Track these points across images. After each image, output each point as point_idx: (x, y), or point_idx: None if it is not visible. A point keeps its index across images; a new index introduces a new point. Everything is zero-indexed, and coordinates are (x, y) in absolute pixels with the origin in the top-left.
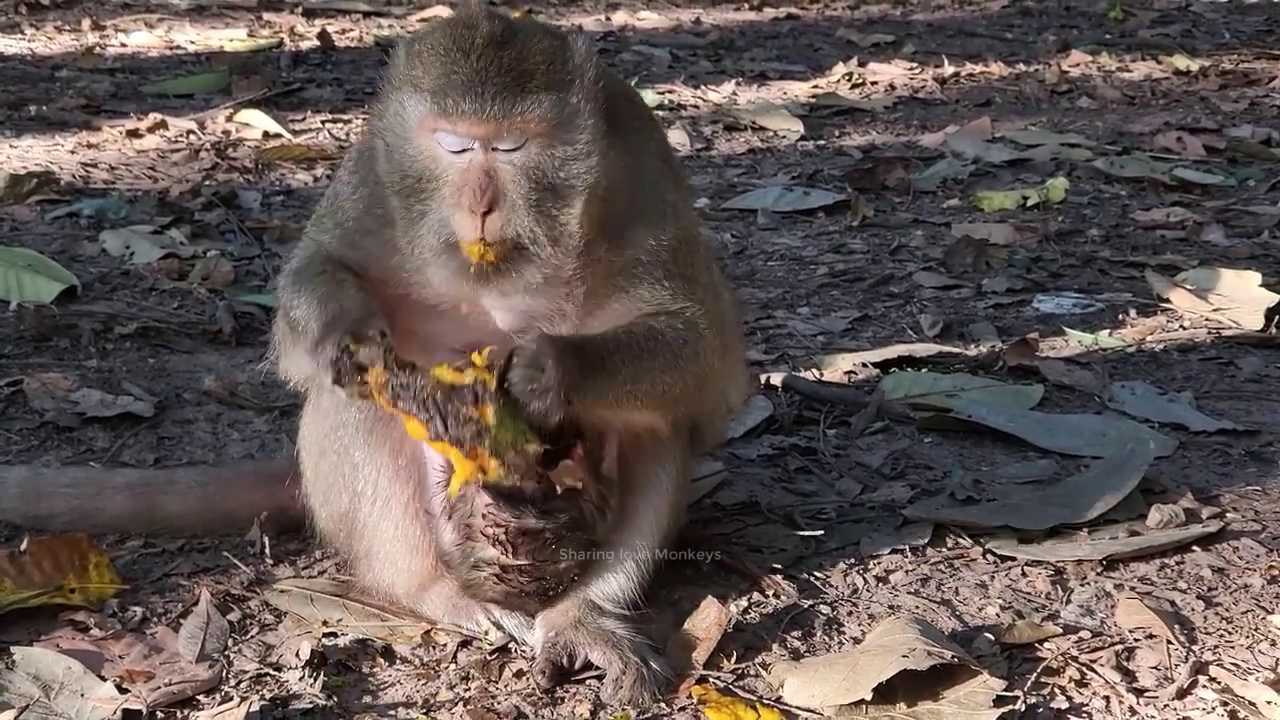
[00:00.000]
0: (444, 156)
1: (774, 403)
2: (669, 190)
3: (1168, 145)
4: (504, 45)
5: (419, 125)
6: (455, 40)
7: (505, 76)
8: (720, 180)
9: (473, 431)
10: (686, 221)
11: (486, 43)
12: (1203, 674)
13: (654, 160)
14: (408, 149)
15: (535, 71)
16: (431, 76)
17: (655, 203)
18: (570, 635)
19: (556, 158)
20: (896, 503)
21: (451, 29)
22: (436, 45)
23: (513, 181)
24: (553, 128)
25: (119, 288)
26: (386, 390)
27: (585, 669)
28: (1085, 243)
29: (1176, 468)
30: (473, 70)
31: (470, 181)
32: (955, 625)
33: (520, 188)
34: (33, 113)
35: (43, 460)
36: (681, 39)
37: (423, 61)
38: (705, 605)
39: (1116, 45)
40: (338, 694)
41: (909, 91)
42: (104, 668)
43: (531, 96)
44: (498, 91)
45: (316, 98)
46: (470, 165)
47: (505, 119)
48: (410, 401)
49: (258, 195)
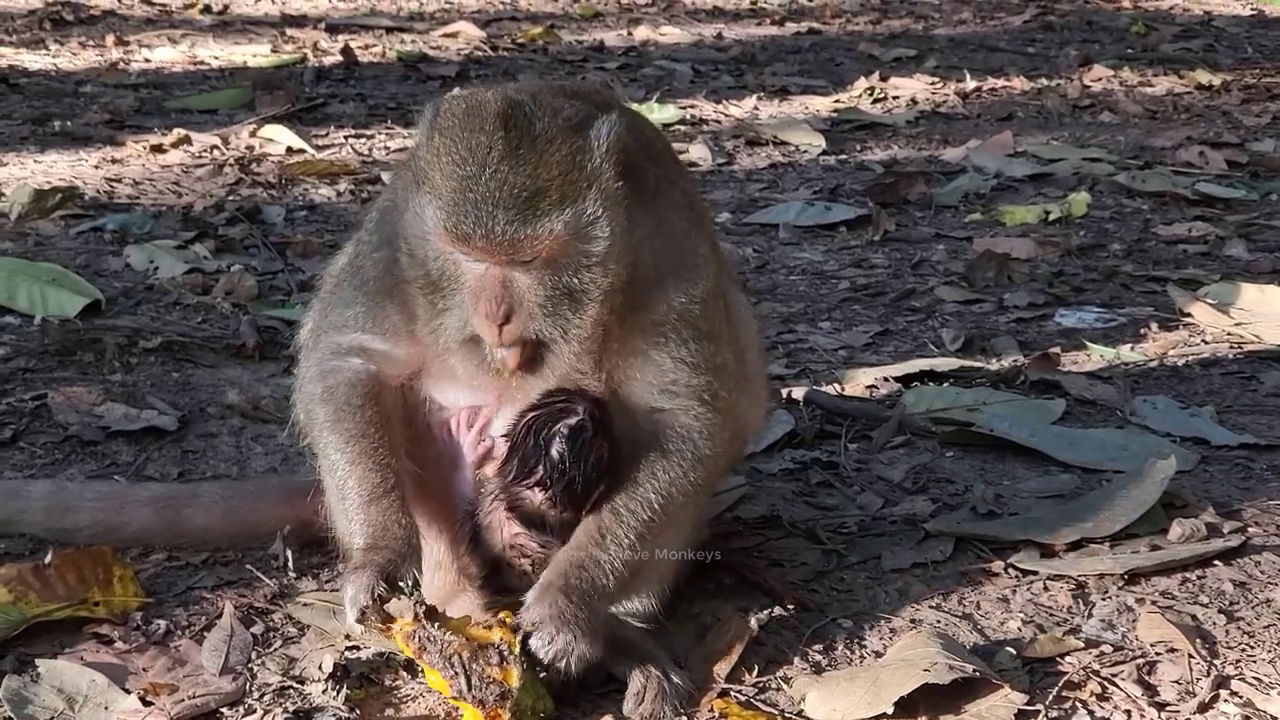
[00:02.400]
0: (461, 263)
1: (795, 417)
2: (699, 243)
3: (1190, 160)
4: (518, 161)
5: (436, 234)
6: (470, 149)
7: (518, 198)
8: (742, 195)
9: (495, 694)
10: (715, 270)
11: (500, 157)
12: (1224, 688)
13: (681, 215)
14: (428, 250)
15: (549, 188)
16: (448, 190)
17: (684, 257)
18: None
19: (571, 267)
20: (918, 517)
21: (467, 130)
22: (453, 150)
23: (529, 291)
24: (570, 240)
25: (143, 302)
26: (413, 641)
27: (606, 682)
28: (1107, 257)
29: (1198, 482)
30: (485, 192)
31: (486, 291)
32: (977, 639)
33: (536, 297)
34: (57, 128)
35: (67, 474)
36: (703, 54)
37: (440, 166)
38: (727, 619)
39: (1138, 60)
40: (360, 707)
41: (931, 106)
42: (128, 680)
43: (544, 218)
44: (509, 219)
45: (339, 113)
46: (486, 275)
47: (516, 245)
48: (436, 656)
49: (281, 210)
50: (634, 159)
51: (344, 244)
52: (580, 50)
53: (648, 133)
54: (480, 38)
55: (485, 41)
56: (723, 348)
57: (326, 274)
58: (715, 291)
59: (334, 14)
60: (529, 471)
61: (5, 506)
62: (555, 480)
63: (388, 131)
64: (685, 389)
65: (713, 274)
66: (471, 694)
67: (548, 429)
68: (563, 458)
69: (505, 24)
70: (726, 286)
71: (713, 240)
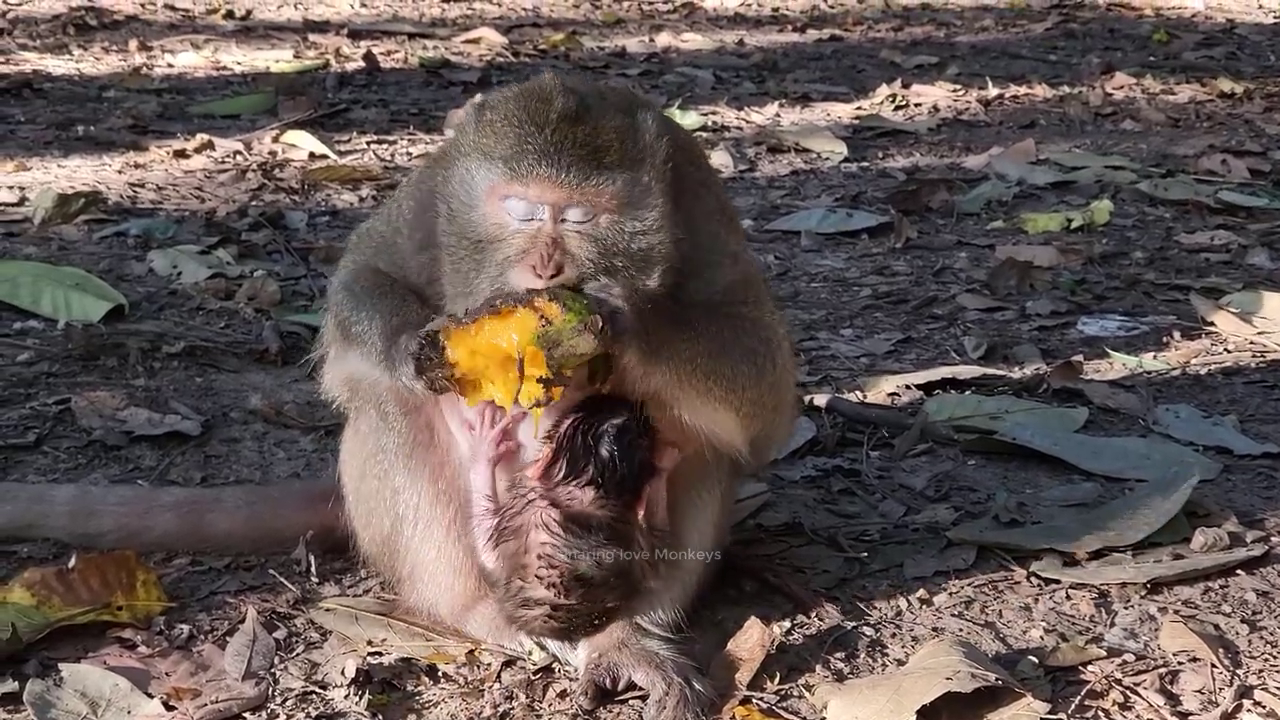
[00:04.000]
0: (510, 224)
1: (817, 424)
2: (730, 242)
3: (1212, 168)
4: (578, 121)
5: (488, 193)
6: (529, 113)
7: (580, 149)
8: (763, 202)
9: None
10: (747, 264)
11: (561, 117)
12: (1247, 698)
13: (715, 220)
14: (473, 215)
15: (609, 148)
16: (505, 145)
17: (717, 255)
18: (614, 656)
19: (626, 233)
20: (940, 525)
21: (525, 101)
22: (510, 116)
23: (580, 249)
24: (624, 204)
25: (166, 307)
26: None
27: (628, 690)
28: (1129, 265)
29: (1221, 491)
30: (547, 140)
31: (538, 247)
32: (999, 648)
33: (588, 254)
34: (80, 133)
35: (90, 479)
36: (725, 60)
37: (495, 131)
38: (749, 626)
39: (1161, 68)
40: (382, 712)
41: (952, 113)
42: (151, 685)
43: (605, 172)
44: (573, 162)
45: (362, 119)
46: (539, 233)
47: (579, 188)
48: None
49: (304, 215)
50: (674, 155)
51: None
52: (602, 56)
53: (683, 136)
54: (502, 44)
55: (507, 48)
56: (766, 313)
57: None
58: (751, 278)
59: (356, 20)
60: (580, 471)
61: (30, 511)
62: (606, 478)
63: (410, 137)
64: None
65: (746, 266)
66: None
67: (595, 429)
68: (613, 456)
69: (527, 30)
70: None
71: (744, 244)
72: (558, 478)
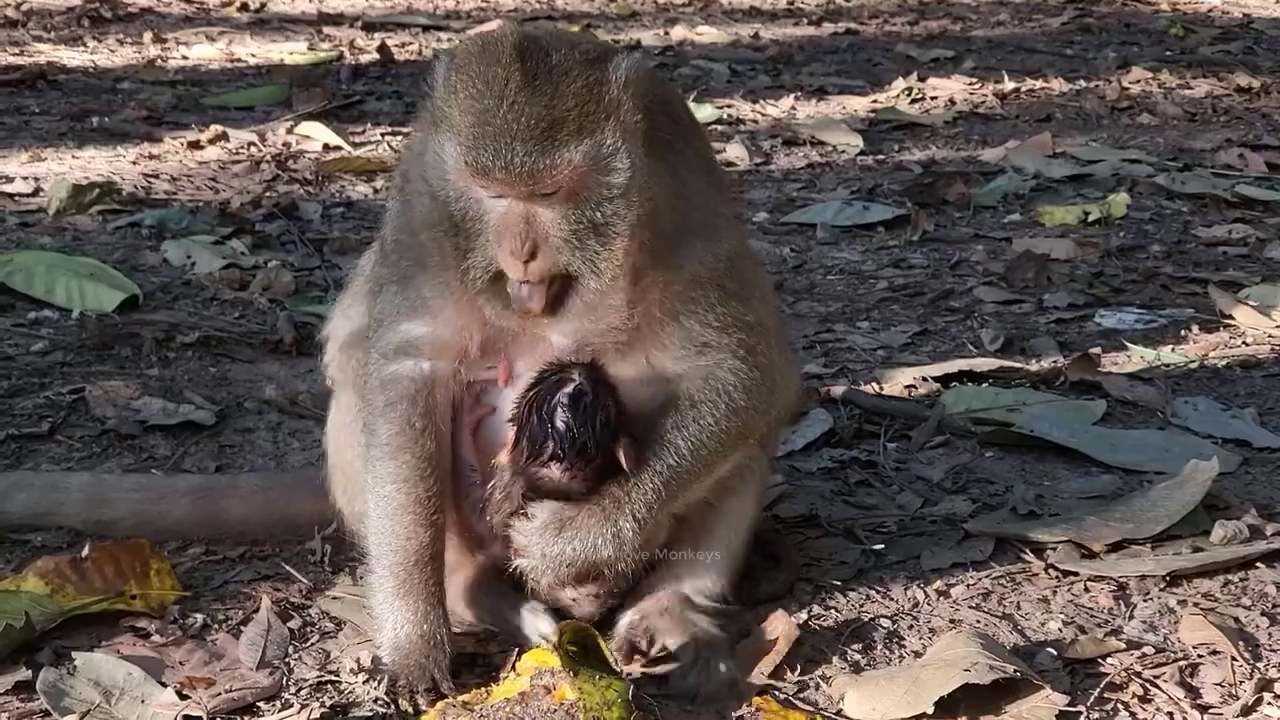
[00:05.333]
0: (484, 200)
1: (834, 416)
2: (718, 203)
3: (1229, 162)
4: (535, 91)
5: (456, 171)
6: (487, 83)
7: (534, 130)
8: (779, 195)
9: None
10: (738, 233)
11: (518, 88)
12: (1267, 691)
13: (699, 174)
14: (449, 190)
15: (567, 118)
16: (466, 125)
17: (706, 219)
18: (654, 621)
19: (593, 200)
20: (958, 517)
21: (485, 63)
22: (470, 84)
23: (553, 225)
24: (587, 173)
25: (180, 297)
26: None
27: (661, 655)
28: (1147, 258)
29: (1240, 484)
30: (502, 125)
31: (510, 227)
32: (1017, 640)
33: (560, 230)
34: (95, 124)
35: (104, 468)
36: (740, 53)
37: (458, 102)
38: (774, 618)
39: (1177, 62)
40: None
41: (969, 107)
42: (165, 674)
43: (562, 149)
44: (527, 151)
45: (376, 110)
46: (509, 211)
47: (535, 177)
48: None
49: (318, 207)
50: (653, 110)
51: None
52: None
53: (666, 91)
54: None
55: None
56: (754, 305)
57: (359, 268)
58: (741, 251)
59: (371, 12)
60: (540, 449)
61: (45, 499)
62: (567, 450)
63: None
64: (718, 346)
65: (736, 236)
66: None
67: (548, 403)
68: (569, 426)
69: (542, 23)
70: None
71: (734, 204)
72: (523, 459)
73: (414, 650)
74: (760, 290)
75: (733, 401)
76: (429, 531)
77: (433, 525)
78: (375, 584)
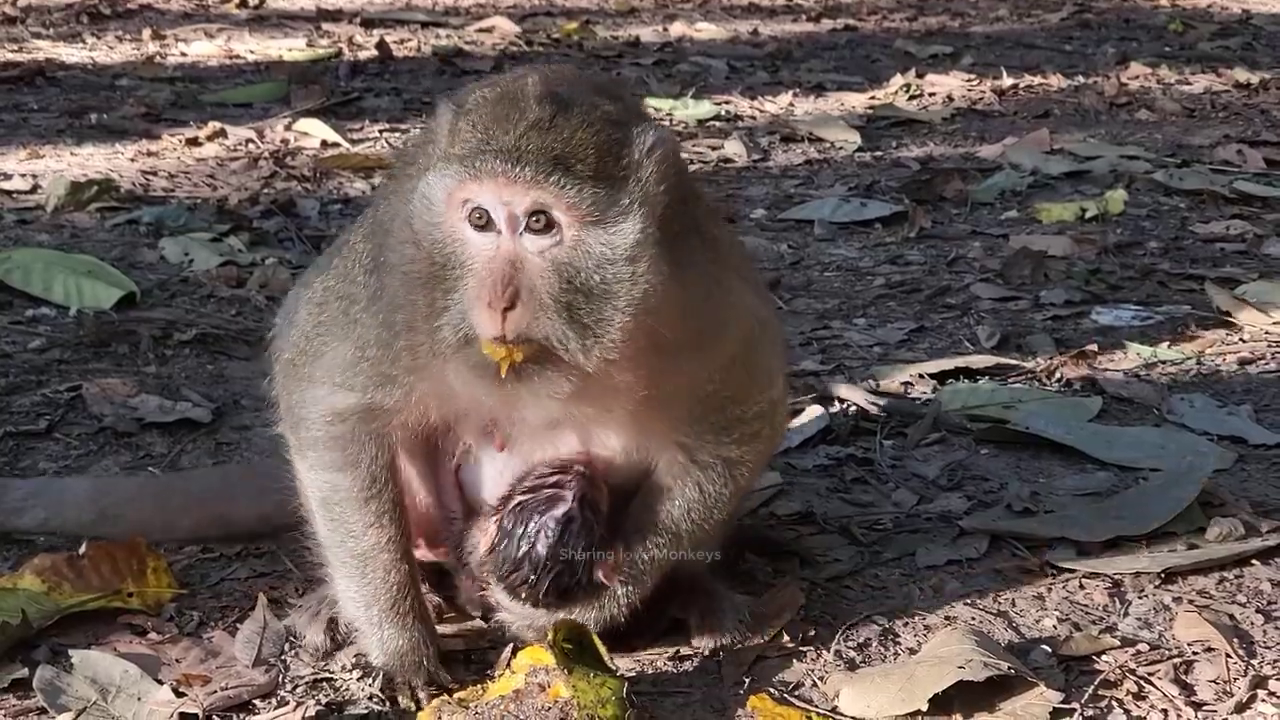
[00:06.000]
0: (471, 239)
1: (830, 413)
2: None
3: (1228, 158)
4: (552, 125)
5: (448, 199)
6: (498, 118)
7: (547, 150)
8: (777, 191)
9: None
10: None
11: (531, 124)
12: (1262, 688)
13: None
14: (435, 233)
15: (582, 156)
16: (469, 147)
17: (715, 313)
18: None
19: (593, 257)
20: (953, 514)
21: (498, 105)
22: (478, 121)
23: (540, 276)
24: (592, 221)
25: (178, 294)
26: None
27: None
28: (1144, 255)
29: (1236, 481)
30: (514, 139)
31: (494, 272)
32: (1012, 637)
33: (548, 284)
34: (93, 121)
35: (101, 466)
36: (739, 50)
37: (461, 138)
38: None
39: (1176, 58)
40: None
41: (967, 103)
42: (161, 671)
43: (571, 178)
44: (535, 160)
45: (374, 107)
46: (497, 252)
47: (537, 185)
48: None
49: (316, 203)
50: (676, 189)
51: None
52: (616, 46)
53: (695, 184)
54: (515, 33)
55: (520, 36)
56: (777, 379)
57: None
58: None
59: (369, 9)
60: (515, 567)
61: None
62: (541, 577)
63: (422, 126)
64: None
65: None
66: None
67: (535, 519)
68: (551, 553)
69: (541, 19)
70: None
71: (748, 274)
72: (499, 566)
73: (407, 651)
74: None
75: (736, 484)
76: (410, 563)
77: (410, 558)
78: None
